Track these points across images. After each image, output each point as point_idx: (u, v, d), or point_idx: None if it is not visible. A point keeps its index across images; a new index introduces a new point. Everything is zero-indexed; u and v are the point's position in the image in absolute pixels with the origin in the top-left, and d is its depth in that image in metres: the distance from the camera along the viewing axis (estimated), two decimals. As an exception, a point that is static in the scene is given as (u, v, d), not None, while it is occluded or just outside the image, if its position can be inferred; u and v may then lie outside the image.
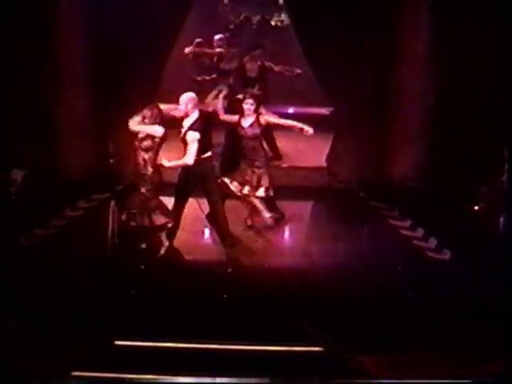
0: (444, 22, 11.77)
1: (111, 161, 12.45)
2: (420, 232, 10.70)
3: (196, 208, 10.71)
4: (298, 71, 13.38)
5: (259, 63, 13.00)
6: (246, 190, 10.18)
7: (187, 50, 14.27)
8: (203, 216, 10.62)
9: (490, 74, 11.38)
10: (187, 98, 9.77)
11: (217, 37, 14.15)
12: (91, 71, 12.37)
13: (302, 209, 11.30)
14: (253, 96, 10.66)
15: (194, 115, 9.75)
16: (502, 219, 10.11)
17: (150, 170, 9.51)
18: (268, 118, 10.46)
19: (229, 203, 10.37)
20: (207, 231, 10.71)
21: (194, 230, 10.70)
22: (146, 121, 9.49)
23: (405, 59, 12.28)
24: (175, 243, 10.01)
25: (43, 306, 7.93)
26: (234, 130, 10.59)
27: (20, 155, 11.44)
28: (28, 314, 7.69)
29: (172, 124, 9.83)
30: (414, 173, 12.25)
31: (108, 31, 12.04)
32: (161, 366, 7.14)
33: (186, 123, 9.74)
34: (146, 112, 9.51)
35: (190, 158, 9.61)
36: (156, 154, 9.51)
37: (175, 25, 12.60)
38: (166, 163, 9.62)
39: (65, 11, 12.17)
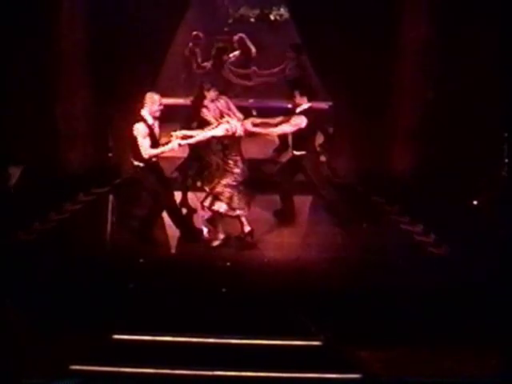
0: (444, 19, 11.76)
1: (110, 155, 12.44)
2: (419, 227, 10.69)
3: (195, 203, 10.72)
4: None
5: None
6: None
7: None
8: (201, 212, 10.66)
9: (489, 70, 11.39)
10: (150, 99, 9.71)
11: (194, 33, 14.21)
12: (90, 66, 12.36)
13: (301, 203, 11.27)
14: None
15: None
16: (501, 214, 10.12)
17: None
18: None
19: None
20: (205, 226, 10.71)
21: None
22: None
23: (405, 53, 12.27)
24: (174, 238, 10.02)
25: (42, 301, 7.93)
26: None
27: (19, 150, 11.44)
28: (27, 309, 7.67)
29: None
30: (414, 167, 12.24)
31: (107, 26, 12.04)
32: (159, 359, 7.15)
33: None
34: None
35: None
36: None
37: (174, 20, 12.60)
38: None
39: (65, 8, 12.17)
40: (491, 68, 11.43)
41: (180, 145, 9.69)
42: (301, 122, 10.32)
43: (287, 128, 10.40)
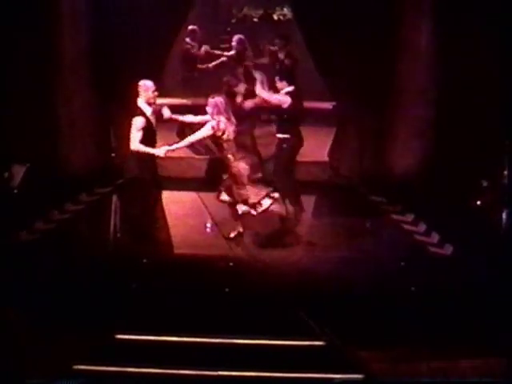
0: (446, 18, 11.76)
1: (113, 155, 12.45)
2: (422, 227, 10.69)
3: (199, 203, 10.73)
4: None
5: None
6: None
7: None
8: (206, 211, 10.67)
9: (489, 70, 11.39)
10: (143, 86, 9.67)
11: (190, 27, 14.20)
12: (92, 66, 12.36)
13: (304, 203, 11.25)
14: None
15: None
16: (503, 214, 10.10)
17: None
18: None
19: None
20: (209, 225, 10.71)
21: (196, 225, 10.71)
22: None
23: (407, 54, 12.27)
24: (177, 237, 10.02)
25: (45, 300, 7.93)
26: None
27: (21, 149, 11.43)
28: (29, 309, 7.68)
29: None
30: (416, 167, 12.23)
31: (109, 26, 12.04)
32: (162, 359, 7.14)
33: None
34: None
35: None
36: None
37: (178, 19, 12.60)
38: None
39: (65, 7, 12.17)
40: (491, 68, 11.42)
41: (168, 151, 9.61)
42: (286, 100, 10.44)
43: (279, 97, 10.49)
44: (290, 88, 10.55)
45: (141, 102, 9.57)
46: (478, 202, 10.83)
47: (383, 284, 8.60)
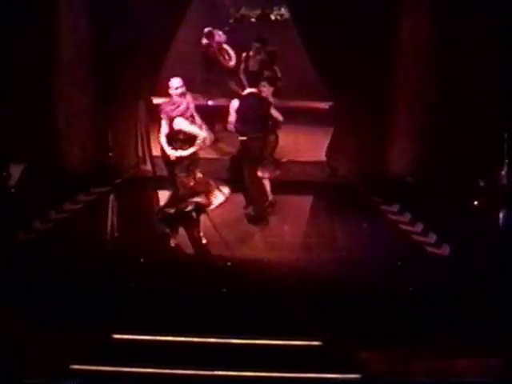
0: (446, 19, 11.77)
1: (110, 154, 12.43)
2: (419, 227, 10.70)
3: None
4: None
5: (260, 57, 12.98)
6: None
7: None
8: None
9: (489, 70, 11.41)
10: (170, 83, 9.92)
11: (205, 30, 14.15)
12: (91, 65, 12.36)
13: (301, 203, 11.27)
14: None
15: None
16: (501, 214, 10.11)
17: None
18: None
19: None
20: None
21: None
22: None
23: (407, 54, 12.28)
24: (175, 237, 10.01)
25: (42, 301, 7.92)
26: None
27: (19, 149, 11.43)
28: (27, 309, 7.67)
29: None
30: (414, 168, 12.24)
31: (107, 25, 12.05)
32: (159, 359, 7.14)
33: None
34: None
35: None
36: None
37: (175, 19, 12.60)
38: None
39: (65, 7, 12.17)
40: (491, 68, 11.43)
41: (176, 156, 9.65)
42: (232, 104, 10.70)
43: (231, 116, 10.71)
44: (249, 90, 10.79)
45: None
46: (476, 203, 10.84)
47: (381, 284, 8.59)
